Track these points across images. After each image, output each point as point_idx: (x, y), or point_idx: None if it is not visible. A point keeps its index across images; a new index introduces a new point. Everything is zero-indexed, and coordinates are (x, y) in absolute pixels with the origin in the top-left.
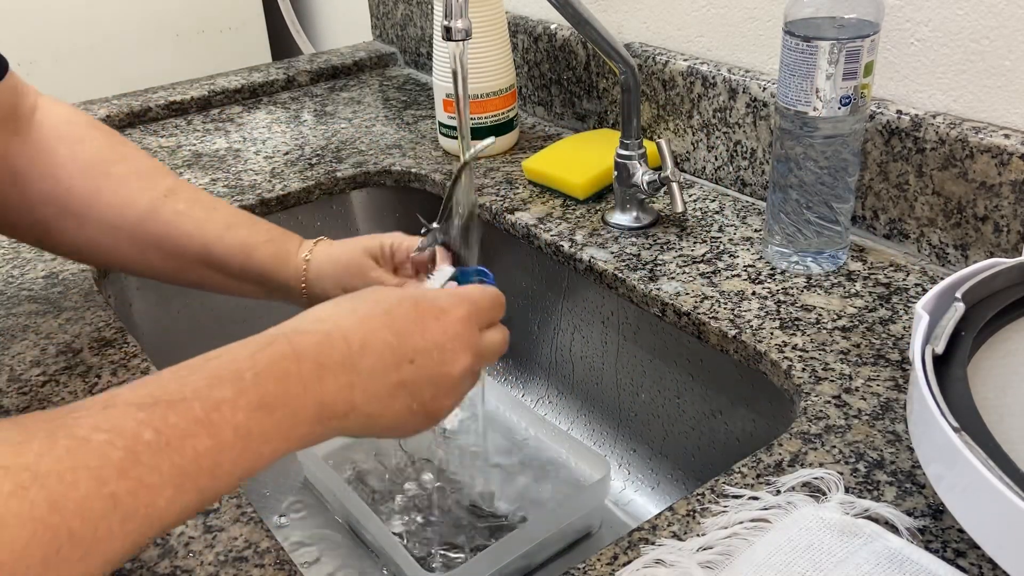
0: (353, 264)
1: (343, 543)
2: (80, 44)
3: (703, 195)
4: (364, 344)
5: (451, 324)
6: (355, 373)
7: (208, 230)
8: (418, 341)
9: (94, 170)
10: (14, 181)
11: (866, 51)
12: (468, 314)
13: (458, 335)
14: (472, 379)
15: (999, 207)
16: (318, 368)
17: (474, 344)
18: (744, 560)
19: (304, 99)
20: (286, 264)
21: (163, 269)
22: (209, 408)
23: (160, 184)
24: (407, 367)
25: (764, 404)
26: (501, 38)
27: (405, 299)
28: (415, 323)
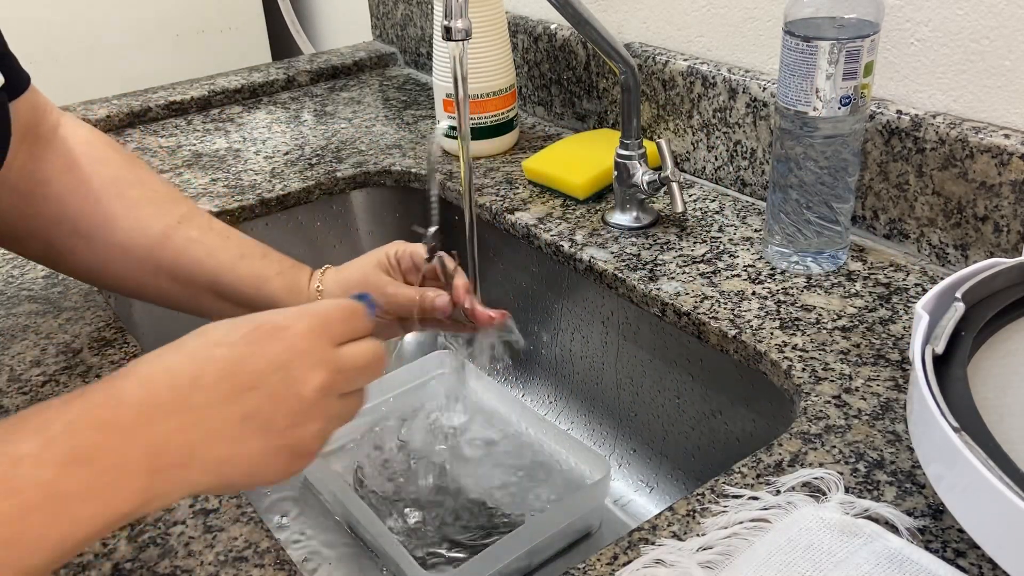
0: (366, 283)
1: (343, 543)
2: (80, 44)
3: (703, 195)
4: (195, 378)
5: (293, 340)
6: (188, 412)
7: (220, 259)
8: (257, 364)
9: (108, 192)
10: (29, 200)
11: (866, 51)
12: (312, 327)
13: (303, 351)
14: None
15: (999, 207)
16: (141, 411)
17: (326, 359)
18: (744, 560)
19: (304, 99)
20: (298, 297)
21: (173, 296)
22: (10, 464)
23: (174, 210)
24: (249, 396)
25: (764, 404)
26: (501, 38)
27: (238, 323)
28: (251, 345)
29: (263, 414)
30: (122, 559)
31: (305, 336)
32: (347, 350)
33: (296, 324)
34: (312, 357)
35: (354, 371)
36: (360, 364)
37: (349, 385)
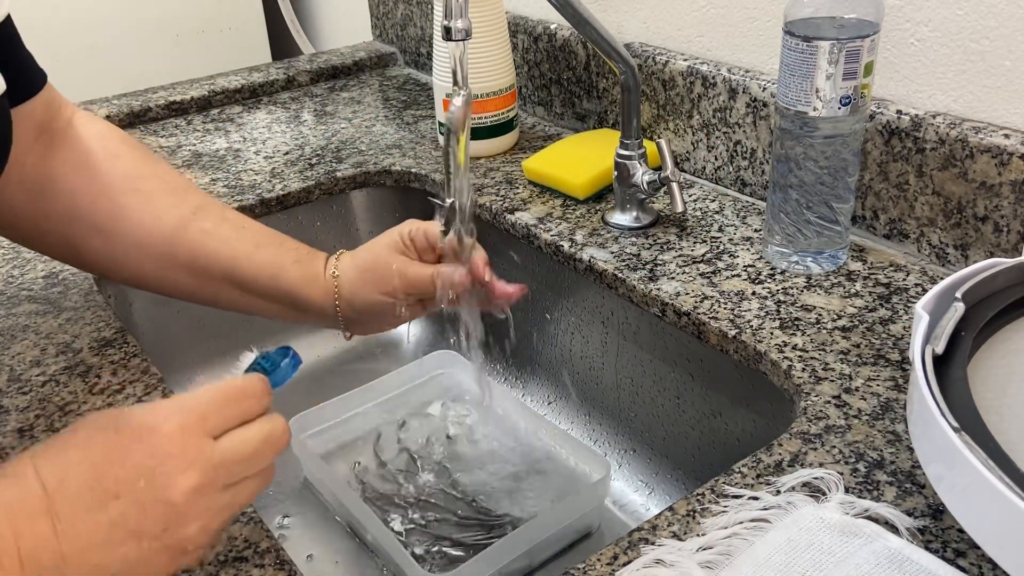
0: (380, 264)
1: (343, 543)
2: (80, 44)
3: (703, 195)
4: (61, 483)
5: (159, 443)
6: (55, 518)
7: (236, 249)
8: (118, 471)
9: (123, 186)
10: (45, 197)
11: (866, 51)
12: (183, 424)
13: (169, 454)
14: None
15: (999, 207)
16: (10, 517)
17: (198, 458)
18: (744, 560)
19: (304, 99)
20: (315, 284)
21: (190, 288)
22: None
23: (188, 202)
24: (113, 504)
25: (764, 404)
26: (501, 38)
27: (107, 424)
28: (114, 451)
29: (131, 521)
30: None
31: (173, 437)
32: (226, 442)
33: (164, 425)
34: (182, 459)
35: (236, 463)
36: (244, 455)
37: (232, 477)
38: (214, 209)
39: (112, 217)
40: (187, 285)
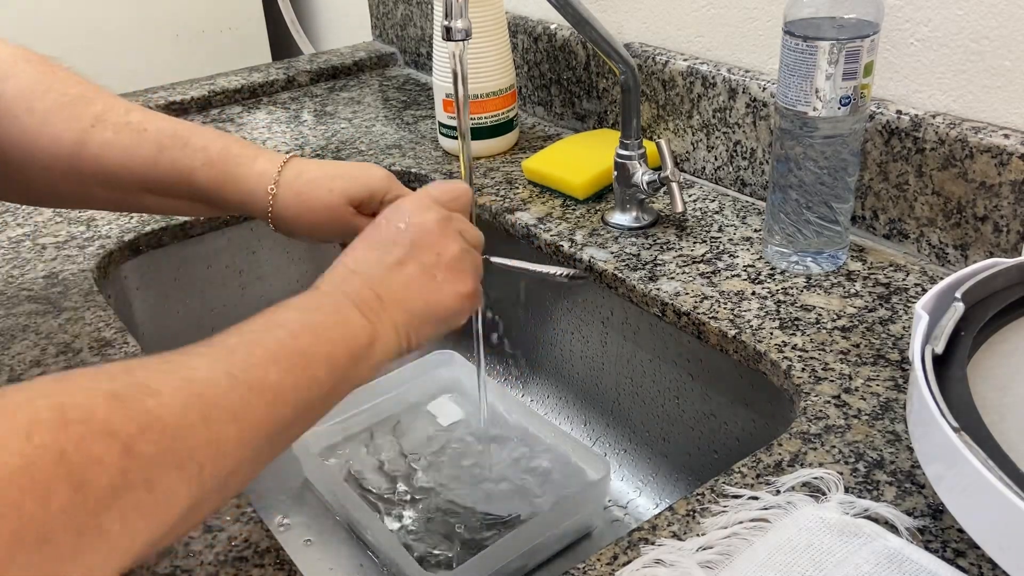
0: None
1: (343, 543)
2: (80, 44)
3: (703, 195)
4: (356, 259)
5: (402, 205)
6: (358, 275)
7: (139, 157)
8: (386, 231)
9: (17, 108)
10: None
11: (866, 51)
12: (415, 195)
13: (412, 208)
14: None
15: (999, 207)
16: (333, 284)
17: (432, 205)
18: (744, 560)
19: (304, 99)
20: (234, 189)
21: (112, 200)
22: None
23: (85, 113)
24: (393, 249)
25: (764, 404)
26: (501, 38)
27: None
28: (379, 227)
29: (408, 254)
30: None
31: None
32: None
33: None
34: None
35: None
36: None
37: (458, 221)
38: (114, 115)
39: (12, 143)
40: (107, 198)
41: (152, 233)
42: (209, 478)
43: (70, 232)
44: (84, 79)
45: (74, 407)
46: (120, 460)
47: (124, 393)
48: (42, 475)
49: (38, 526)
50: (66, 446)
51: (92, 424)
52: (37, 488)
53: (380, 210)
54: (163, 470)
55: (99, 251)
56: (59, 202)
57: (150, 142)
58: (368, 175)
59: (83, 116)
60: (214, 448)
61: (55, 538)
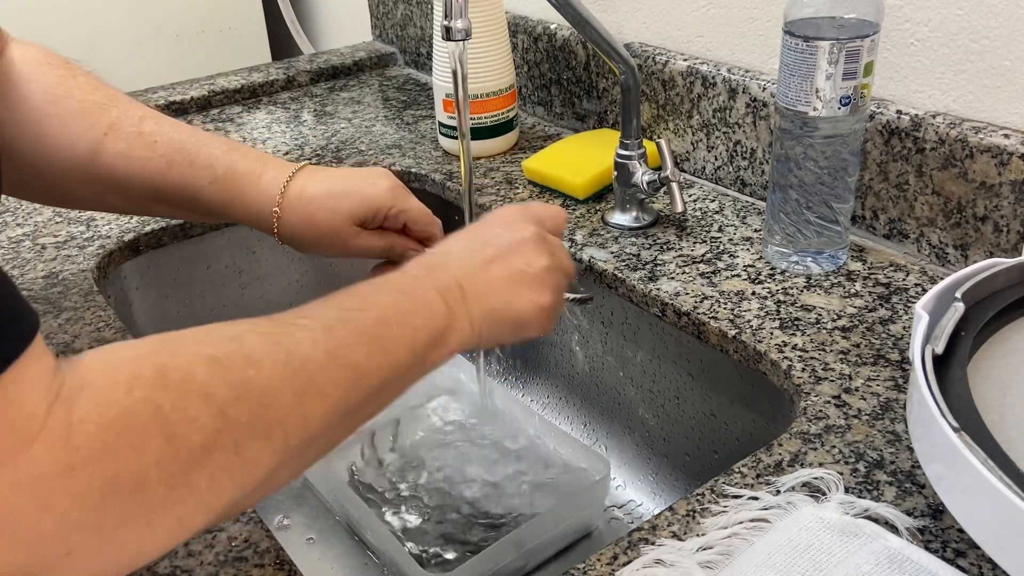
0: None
1: (343, 543)
2: (80, 44)
3: (703, 195)
4: (449, 251)
5: (503, 212)
6: (448, 266)
7: (149, 170)
8: (483, 232)
9: (37, 113)
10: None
11: (866, 51)
12: (517, 208)
13: (512, 217)
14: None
15: (999, 207)
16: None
17: (530, 218)
18: (744, 560)
19: (304, 99)
20: (241, 208)
21: (127, 208)
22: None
23: (100, 121)
24: (486, 248)
25: (764, 404)
26: (501, 38)
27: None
28: (477, 227)
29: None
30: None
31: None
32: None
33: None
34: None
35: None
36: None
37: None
38: (127, 124)
39: (31, 147)
40: (121, 204)
41: (152, 233)
42: (292, 448)
43: (70, 232)
44: (102, 83)
45: (176, 368)
46: (213, 422)
47: (226, 361)
48: (138, 426)
49: (132, 473)
50: (163, 403)
51: (191, 385)
52: (134, 437)
53: (387, 224)
54: (252, 437)
55: (99, 251)
56: (78, 204)
57: (160, 156)
58: (372, 191)
59: (98, 124)
60: (301, 421)
61: (148, 487)
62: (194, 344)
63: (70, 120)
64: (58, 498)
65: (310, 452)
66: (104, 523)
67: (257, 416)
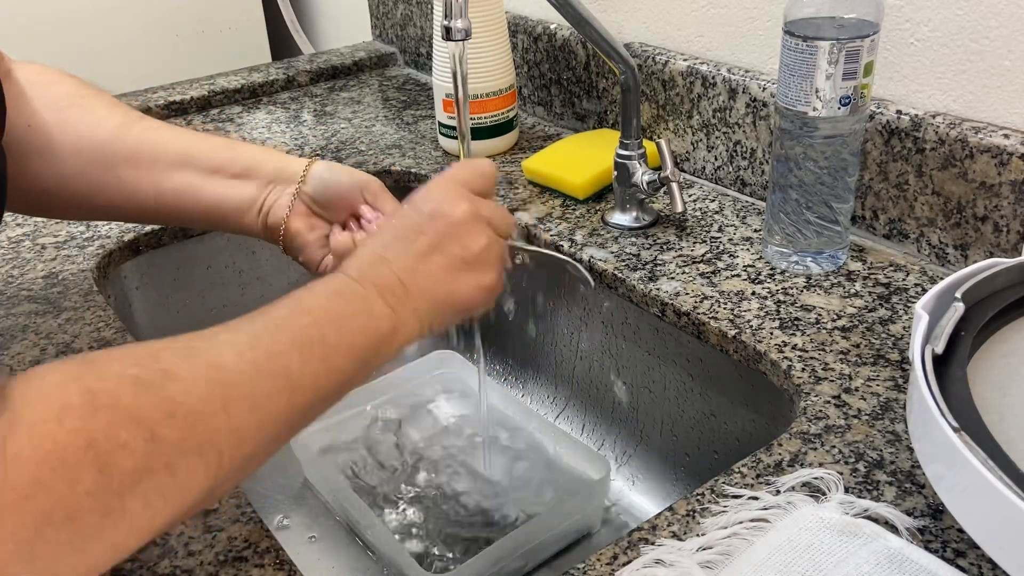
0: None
1: (343, 543)
2: (80, 44)
3: (703, 195)
4: (384, 245)
5: (433, 191)
6: (387, 263)
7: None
8: (415, 217)
9: (61, 103)
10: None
11: (866, 51)
12: (444, 181)
13: (443, 196)
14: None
15: (999, 207)
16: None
17: (462, 194)
18: (744, 560)
19: (304, 99)
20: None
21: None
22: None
23: (131, 113)
24: (421, 238)
25: (764, 404)
26: (501, 38)
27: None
28: (410, 212)
29: (436, 243)
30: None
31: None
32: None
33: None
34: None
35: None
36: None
37: (487, 212)
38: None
39: (49, 134)
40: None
41: (152, 233)
42: (227, 462)
43: (70, 232)
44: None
45: (104, 392)
46: (145, 445)
47: (148, 379)
48: (72, 459)
49: (66, 506)
50: (95, 432)
51: (119, 410)
52: (67, 471)
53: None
54: (185, 455)
55: (99, 251)
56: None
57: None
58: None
59: (129, 113)
60: (234, 435)
61: (81, 517)
62: (117, 364)
63: (99, 107)
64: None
65: (250, 463)
66: (38, 555)
67: (187, 435)
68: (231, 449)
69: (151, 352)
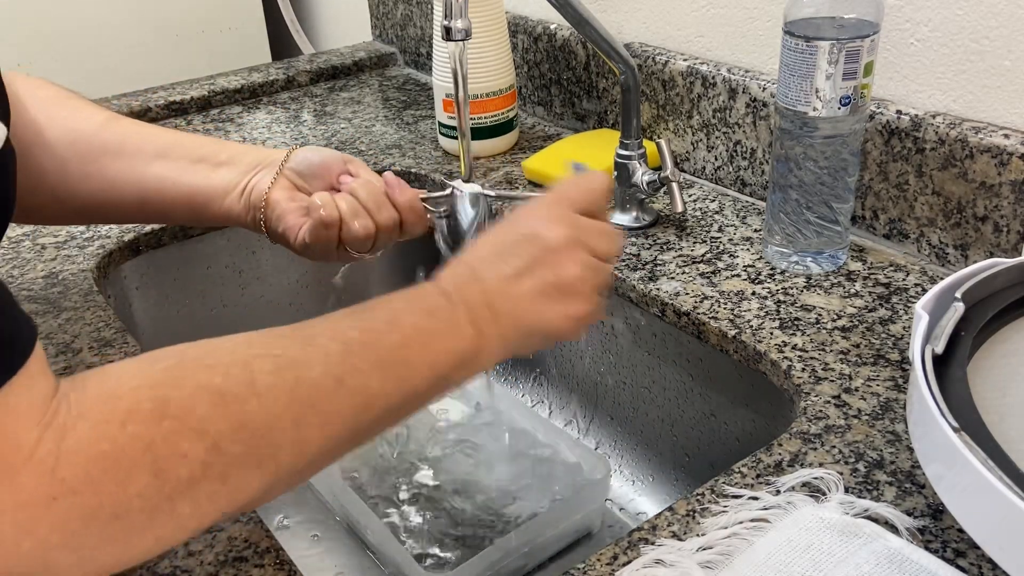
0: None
1: (343, 543)
2: (80, 44)
3: (703, 195)
4: (480, 261)
5: (535, 211)
6: (481, 281)
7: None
8: (512, 236)
9: (48, 103)
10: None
11: (866, 51)
12: (550, 200)
13: (544, 216)
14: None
15: (999, 207)
16: (455, 286)
17: (564, 217)
18: (744, 560)
19: (304, 99)
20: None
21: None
22: (393, 316)
23: (110, 113)
24: (514, 260)
25: (764, 404)
26: (501, 38)
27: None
28: (508, 227)
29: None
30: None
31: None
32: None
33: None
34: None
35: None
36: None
37: (588, 238)
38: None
39: (39, 131)
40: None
41: (152, 233)
42: (285, 472)
43: (70, 232)
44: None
45: (177, 402)
46: (205, 456)
47: (231, 393)
48: (127, 461)
49: (114, 504)
50: (155, 438)
51: (187, 421)
52: (120, 472)
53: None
54: (243, 467)
55: (99, 251)
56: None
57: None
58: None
59: (115, 114)
60: (297, 447)
61: (129, 516)
62: (204, 373)
63: (86, 108)
64: (38, 525)
65: (309, 471)
66: (82, 545)
67: (251, 448)
68: (291, 460)
69: (245, 361)
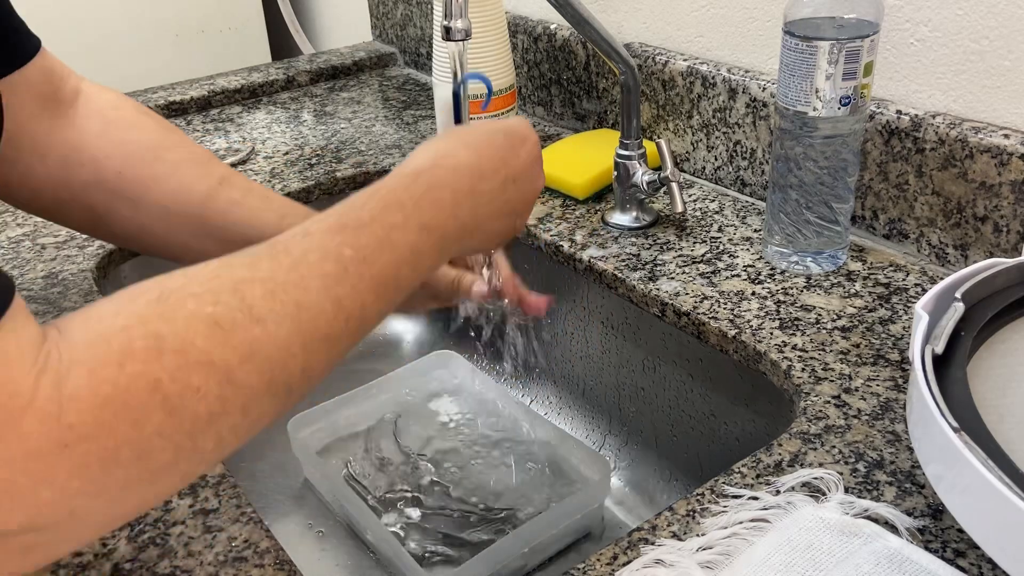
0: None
1: (343, 543)
2: (80, 44)
3: (703, 195)
4: (482, 173)
5: (533, 149)
6: (477, 196)
7: (264, 220)
8: (516, 164)
9: (148, 155)
10: (68, 166)
11: (866, 51)
12: (537, 141)
13: (537, 159)
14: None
15: (999, 207)
16: (454, 196)
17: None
18: (744, 560)
19: (304, 99)
20: None
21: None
22: (387, 230)
23: (213, 173)
24: (511, 187)
25: (764, 404)
26: (501, 38)
27: (497, 131)
28: (511, 150)
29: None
30: (122, 559)
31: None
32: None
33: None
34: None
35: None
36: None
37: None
38: (238, 180)
39: (140, 186)
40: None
41: None
42: (295, 398)
43: (70, 232)
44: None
45: (172, 335)
46: (219, 389)
47: (228, 319)
48: (136, 402)
49: (134, 446)
50: (161, 375)
51: (190, 354)
52: (131, 413)
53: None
54: (260, 398)
55: (99, 251)
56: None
57: (275, 208)
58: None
59: (212, 175)
60: (306, 374)
61: (151, 456)
62: (192, 302)
63: (185, 167)
64: (55, 471)
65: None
66: (106, 488)
67: (264, 379)
68: (301, 386)
69: (233, 285)
